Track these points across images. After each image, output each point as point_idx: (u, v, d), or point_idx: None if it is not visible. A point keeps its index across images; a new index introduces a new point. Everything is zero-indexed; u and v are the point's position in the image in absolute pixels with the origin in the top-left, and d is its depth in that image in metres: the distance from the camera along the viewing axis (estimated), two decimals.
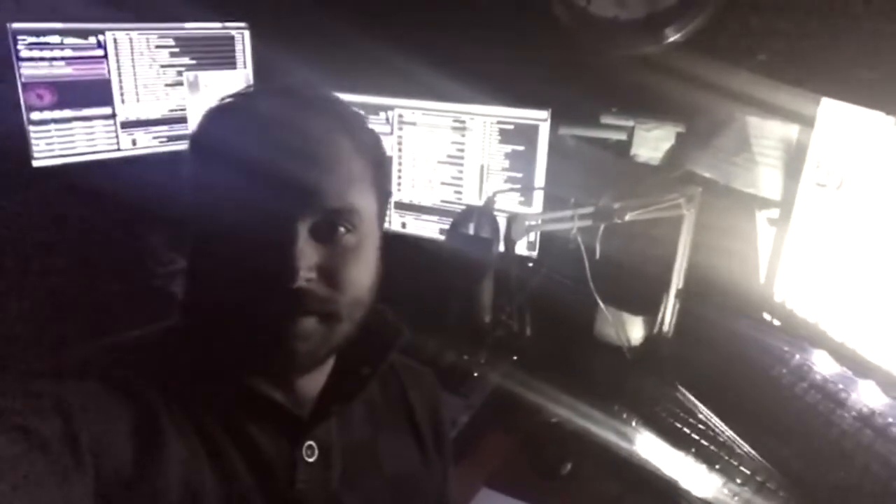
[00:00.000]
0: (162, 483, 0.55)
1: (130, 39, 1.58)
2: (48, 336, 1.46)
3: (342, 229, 0.62)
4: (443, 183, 1.58)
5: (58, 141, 1.53)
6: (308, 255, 0.59)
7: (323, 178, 0.61)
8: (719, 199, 1.38)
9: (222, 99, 0.65)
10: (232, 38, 1.72)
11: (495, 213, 1.25)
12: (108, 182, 1.55)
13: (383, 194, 0.69)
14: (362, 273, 0.64)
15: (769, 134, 1.32)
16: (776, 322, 1.27)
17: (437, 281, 1.27)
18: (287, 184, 0.59)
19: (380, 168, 0.68)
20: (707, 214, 1.36)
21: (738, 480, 1.08)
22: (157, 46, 1.62)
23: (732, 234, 1.38)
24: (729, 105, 1.36)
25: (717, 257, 1.37)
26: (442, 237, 1.59)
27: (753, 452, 1.13)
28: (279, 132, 0.61)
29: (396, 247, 1.61)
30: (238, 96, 0.66)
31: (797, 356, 1.19)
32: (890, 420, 1.04)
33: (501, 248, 1.20)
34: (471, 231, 1.24)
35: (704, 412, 1.23)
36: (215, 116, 0.65)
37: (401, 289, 1.57)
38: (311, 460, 0.65)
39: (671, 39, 1.41)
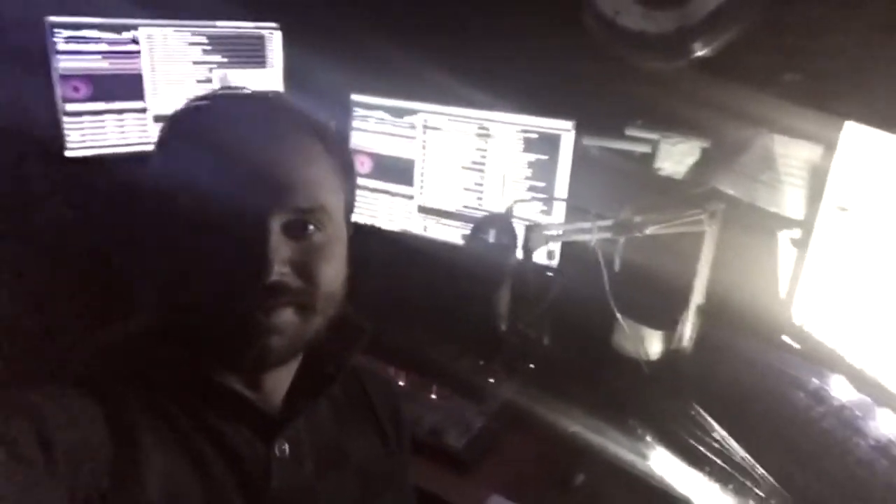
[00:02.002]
0: (141, 489, 0.56)
1: (164, 36, 1.61)
2: (69, 327, 1.48)
3: (312, 227, 0.63)
4: (465, 189, 1.58)
5: (90, 132, 1.56)
6: (281, 250, 0.60)
7: (294, 178, 0.63)
8: (742, 217, 1.38)
9: (191, 100, 0.67)
10: (263, 37, 1.74)
11: (514, 221, 1.26)
12: (138, 174, 1.57)
13: (350, 196, 0.71)
14: (333, 269, 0.66)
15: (795, 154, 1.31)
16: (795, 345, 1.25)
17: (454, 287, 1.28)
18: (260, 182, 0.61)
19: (347, 170, 0.70)
20: (729, 232, 1.35)
21: (751, 502, 1.07)
22: (190, 43, 1.65)
23: (754, 252, 1.37)
24: (755, 123, 1.35)
25: (738, 275, 1.36)
26: (462, 242, 1.60)
27: (767, 475, 1.12)
28: (251, 133, 0.63)
29: (416, 252, 1.63)
30: (206, 98, 0.67)
31: (815, 380, 1.18)
32: None
33: (519, 255, 1.20)
34: (490, 238, 1.24)
35: (720, 431, 1.22)
36: (186, 117, 0.66)
37: (421, 293, 1.59)
38: (283, 457, 0.67)
39: (699, 54, 1.40)
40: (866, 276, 1.10)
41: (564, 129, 1.45)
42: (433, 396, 1.33)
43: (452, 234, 1.62)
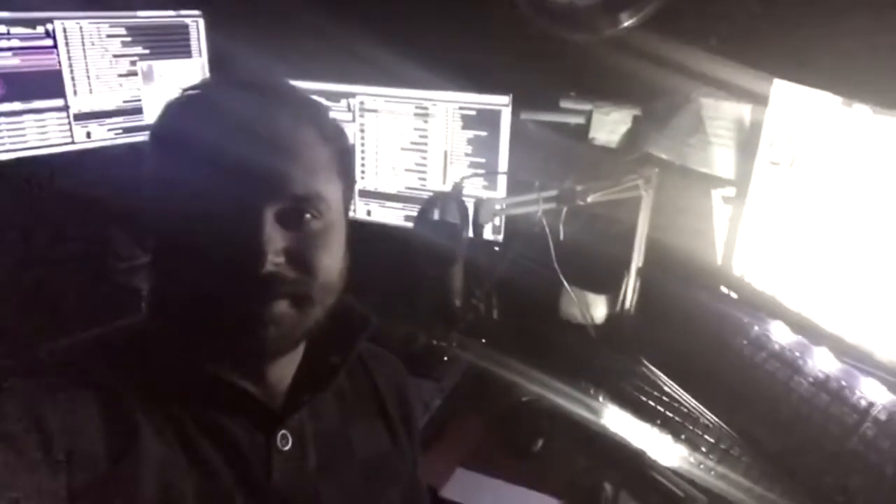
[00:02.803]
0: (139, 481, 0.55)
1: (80, 28, 1.53)
2: (7, 333, 1.41)
3: (308, 216, 0.62)
4: (407, 170, 1.58)
5: (8, 135, 1.48)
6: (275, 240, 0.59)
7: (288, 165, 0.61)
8: (676, 180, 1.43)
9: (183, 90, 0.65)
10: (186, 26, 1.68)
11: (463, 198, 1.27)
12: (63, 176, 1.51)
13: (348, 182, 0.70)
14: (330, 259, 0.64)
15: (723, 115, 1.37)
16: (734, 295, 1.32)
17: (407, 267, 1.28)
18: (253, 171, 0.59)
19: (344, 156, 0.69)
20: (665, 194, 1.40)
21: (703, 449, 1.13)
22: (109, 35, 1.57)
23: (689, 212, 1.43)
24: (684, 88, 1.41)
25: (676, 236, 1.42)
26: (407, 224, 1.60)
27: (717, 421, 1.18)
28: (244, 121, 0.61)
29: (365, 234, 1.63)
30: (200, 87, 0.66)
31: (756, 327, 1.25)
32: (843, 383, 1.09)
33: (470, 233, 1.22)
34: (437, 217, 1.25)
35: (669, 385, 1.27)
36: (177, 108, 0.64)
37: (371, 275, 1.59)
38: (285, 450, 0.66)
39: (627, 24, 1.44)
40: (799, 225, 1.18)
41: (502, 105, 1.47)
42: None
43: (396, 216, 1.62)
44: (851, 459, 1.03)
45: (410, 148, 1.57)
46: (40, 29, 1.48)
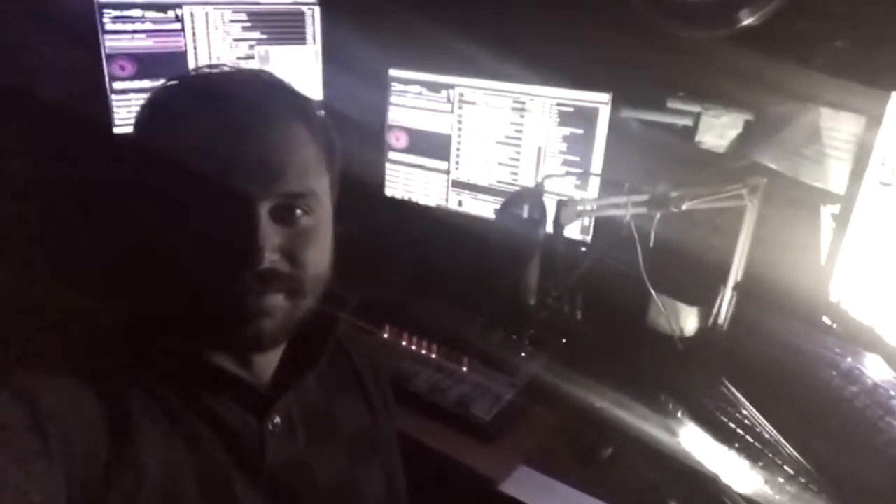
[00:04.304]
0: (139, 469, 0.57)
1: (206, 14, 1.64)
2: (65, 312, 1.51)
3: (300, 212, 0.64)
4: (500, 163, 1.58)
5: (137, 110, 1.61)
6: (270, 236, 0.61)
7: (283, 163, 0.62)
8: (784, 192, 1.34)
9: (170, 80, 0.65)
10: (303, 13, 1.76)
11: (546, 196, 1.25)
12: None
13: (335, 178, 0.71)
14: (320, 253, 0.67)
15: (842, 127, 1.26)
16: (831, 323, 1.22)
17: (485, 261, 1.29)
18: (248, 168, 0.60)
19: (332, 154, 0.70)
20: (770, 207, 1.32)
21: (781, 479, 1.06)
22: (231, 21, 1.68)
23: (795, 228, 1.33)
24: (799, 95, 1.31)
25: (778, 252, 1.33)
26: (493, 217, 1.60)
27: (797, 454, 1.10)
28: (237, 116, 0.62)
29: (450, 226, 1.64)
30: (189, 79, 0.67)
31: (849, 359, 1.16)
32: None
33: (549, 230, 1.20)
34: (524, 213, 1.24)
35: (750, 409, 1.20)
36: (168, 98, 0.64)
37: (452, 267, 1.60)
38: (276, 431, 0.69)
39: (745, 23, 1.35)
40: None
41: (601, 102, 1.43)
42: (464, 369, 1.35)
43: (487, 208, 1.62)
44: None
45: (505, 142, 1.56)
46: (170, 13, 1.60)
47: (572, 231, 1.45)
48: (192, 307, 0.62)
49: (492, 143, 1.58)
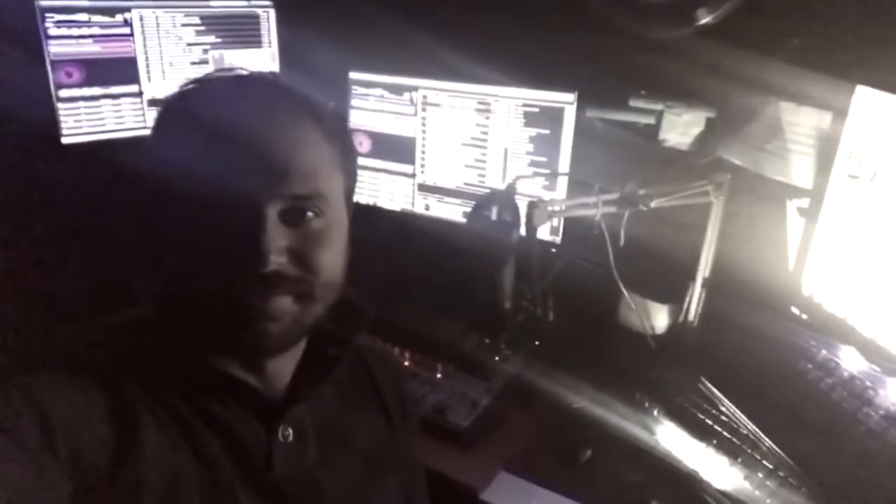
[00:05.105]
0: (142, 473, 0.56)
1: (156, 17, 1.58)
2: (62, 314, 1.48)
3: (310, 214, 0.63)
4: (466, 166, 1.56)
5: (86, 118, 1.54)
6: (277, 239, 0.60)
7: (291, 165, 0.61)
8: (749, 187, 1.35)
9: (185, 84, 0.65)
10: (257, 16, 1.71)
11: (517, 197, 1.24)
12: (136, 159, 1.56)
13: (351, 179, 0.70)
14: (332, 256, 0.65)
15: (803, 121, 1.28)
16: (803, 315, 1.24)
17: (459, 265, 1.27)
18: (256, 169, 0.60)
19: (347, 154, 0.69)
20: (736, 202, 1.33)
21: (760, 475, 1.07)
22: (183, 24, 1.62)
23: (762, 223, 1.35)
24: (761, 91, 1.33)
25: (746, 247, 1.35)
26: (464, 220, 1.59)
27: (776, 447, 1.11)
28: (247, 119, 0.61)
29: (418, 231, 1.62)
30: (202, 82, 0.66)
31: (824, 351, 1.17)
32: None
33: (523, 232, 1.19)
34: (493, 215, 1.23)
35: (727, 404, 1.21)
36: (181, 101, 0.65)
37: (424, 272, 1.58)
38: (286, 442, 0.67)
39: (704, 21, 1.37)
40: (877, 244, 1.09)
41: (567, 102, 1.42)
42: (438, 375, 1.33)
43: (454, 212, 1.60)
44: None
45: (471, 144, 1.54)
46: (119, 17, 1.53)
47: (542, 232, 1.44)
48: (198, 309, 0.61)
49: (457, 146, 1.56)
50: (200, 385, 0.63)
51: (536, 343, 1.43)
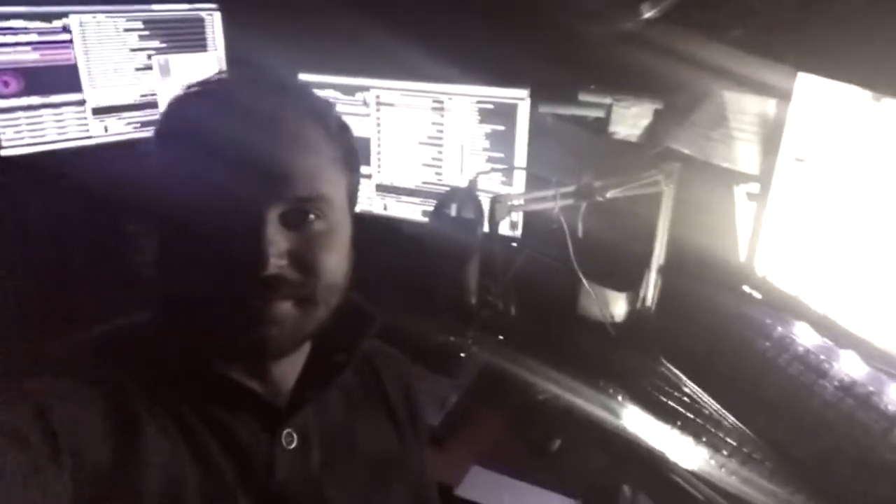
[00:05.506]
0: (142, 478, 0.56)
1: (97, 23, 1.53)
2: (20, 329, 1.42)
3: (312, 217, 0.62)
4: (423, 164, 1.57)
5: (27, 129, 1.48)
6: (278, 242, 0.59)
7: (292, 166, 0.61)
8: (698, 175, 1.40)
9: (189, 86, 0.65)
10: (202, 20, 1.67)
11: (478, 193, 1.25)
12: (81, 170, 1.51)
13: (354, 182, 0.70)
14: (335, 259, 0.64)
15: (746, 109, 1.33)
16: (757, 295, 1.29)
17: (423, 263, 1.27)
18: (256, 172, 0.59)
19: (350, 156, 0.69)
20: (686, 190, 1.37)
21: (725, 452, 1.11)
22: (126, 30, 1.57)
23: (712, 209, 1.40)
24: (706, 81, 1.37)
25: (698, 232, 1.39)
26: (423, 219, 1.59)
27: (739, 424, 1.15)
28: (248, 120, 0.61)
29: (382, 229, 1.61)
30: (206, 83, 0.65)
31: (779, 328, 1.22)
32: (870, 389, 1.06)
33: (486, 229, 1.20)
34: (453, 213, 1.24)
35: (689, 385, 1.25)
36: (182, 104, 0.64)
37: (388, 271, 1.58)
38: (290, 448, 0.66)
39: (647, 15, 1.40)
40: (825, 224, 1.14)
41: (520, 98, 1.44)
42: None
43: (413, 211, 1.61)
44: (879, 467, 1.00)
45: (427, 142, 1.55)
46: (57, 23, 1.48)
47: (502, 228, 1.45)
48: (199, 312, 0.60)
49: (414, 145, 1.56)
50: (202, 389, 0.62)
51: (500, 337, 1.44)
